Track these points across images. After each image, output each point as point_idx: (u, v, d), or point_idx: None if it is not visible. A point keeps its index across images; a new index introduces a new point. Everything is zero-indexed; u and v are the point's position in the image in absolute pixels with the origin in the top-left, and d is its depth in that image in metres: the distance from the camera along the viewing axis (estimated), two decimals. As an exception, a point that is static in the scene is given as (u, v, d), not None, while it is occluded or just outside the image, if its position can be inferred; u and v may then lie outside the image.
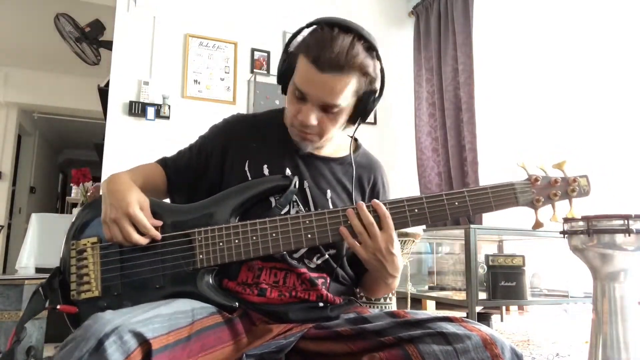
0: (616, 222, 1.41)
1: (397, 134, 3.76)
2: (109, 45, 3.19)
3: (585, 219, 1.45)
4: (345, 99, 0.93)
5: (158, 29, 3.17)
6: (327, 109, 0.94)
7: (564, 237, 1.54)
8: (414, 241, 2.09)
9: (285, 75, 0.98)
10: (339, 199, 1.04)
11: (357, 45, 0.91)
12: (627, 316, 1.41)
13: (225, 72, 3.30)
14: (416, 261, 3.43)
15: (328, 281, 1.00)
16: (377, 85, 0.97)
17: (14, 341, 0.93)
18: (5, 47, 4.89)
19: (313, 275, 0.97)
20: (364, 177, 1.09)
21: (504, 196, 0.94)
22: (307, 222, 0.92)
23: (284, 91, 1.01)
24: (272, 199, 0.99)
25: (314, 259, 0.99)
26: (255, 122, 1.10)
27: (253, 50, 3.40)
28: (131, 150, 2.96)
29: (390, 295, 2.05)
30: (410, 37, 3.88)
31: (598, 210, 1.46)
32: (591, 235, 1.43)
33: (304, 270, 0.96)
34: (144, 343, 0.70)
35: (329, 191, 1.03)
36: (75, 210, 3.76)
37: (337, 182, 1.05)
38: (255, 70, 3.35)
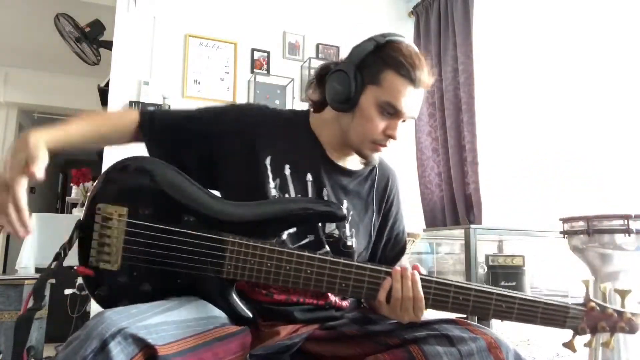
0: (616, 222, 1.41)
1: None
2: (109, 45, 3.18)
3: (585, 219, 1.45)
4: None
5: (158, 29, 3.17)
6: (405, 121, 0.99)
7: (564, 237, 1.54)
8: (413, 241, 2.09)
9: (357, 91, 0.96)
10: (354, 210, 1.04)
11: (429, 62, 0.97)
12: (627, 316, 1.41)
13: (225, 72, 3.30)
14: (416, 261, 3.41)
15: None
16: None
17: (31, 308, 0.83)
18: (5, 47, 4.88)
19: None
20: (381, 186, 1.12)
21: (553, 316, 0.89)
22: (346, 270, 0.88)
23: (351, 108, 0.98)
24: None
25: None
26: (285, 119, 1.07)
27: (253, 50, 3.39)
28: (131, 150, 2.96)
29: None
30: (411, 37, 3.87)
31: (598, 210, 1.46)
32: (591, 235, 1.43)
33: None
34: (146, 348, 0.69)
35: (345, 202, 1.03)
36: (76, 211, 3.75)
37: (355, 194, 1.06)
38: (255, 70, 3.34)
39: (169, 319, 0.76)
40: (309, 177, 1.00)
